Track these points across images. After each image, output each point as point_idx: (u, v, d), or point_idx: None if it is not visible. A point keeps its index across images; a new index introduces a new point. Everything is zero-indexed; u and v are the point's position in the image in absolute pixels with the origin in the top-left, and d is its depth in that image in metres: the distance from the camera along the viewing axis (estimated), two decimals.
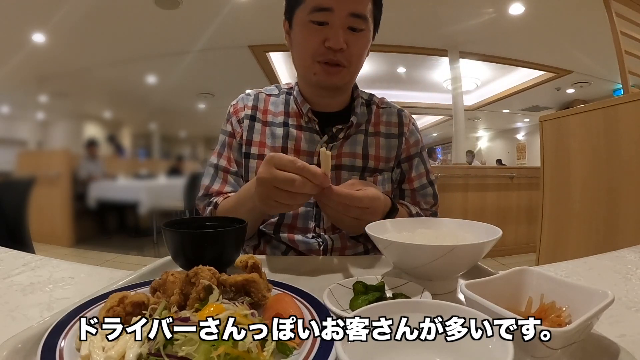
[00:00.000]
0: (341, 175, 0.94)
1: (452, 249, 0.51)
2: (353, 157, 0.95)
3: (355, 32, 0.85)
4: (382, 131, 1.00)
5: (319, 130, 0.95)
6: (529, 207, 3.81)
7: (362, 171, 0.95)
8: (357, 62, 0.90)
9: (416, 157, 1.02)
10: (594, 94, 6.48)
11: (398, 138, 1.00)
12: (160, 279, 0.49)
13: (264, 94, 1.02)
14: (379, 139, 0.99)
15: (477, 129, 11.58)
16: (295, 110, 0.97)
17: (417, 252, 0.54)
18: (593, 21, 3.69)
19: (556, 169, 2.25)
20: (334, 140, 0.94)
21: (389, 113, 1.02)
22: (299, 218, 0.93)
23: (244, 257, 0.54)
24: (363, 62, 0.93)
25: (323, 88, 0.92)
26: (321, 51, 0.85)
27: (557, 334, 0.32)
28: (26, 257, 0.74)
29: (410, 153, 1.02)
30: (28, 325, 0.40)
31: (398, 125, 1.01)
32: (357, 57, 0.89)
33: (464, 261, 0.56)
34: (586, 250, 1.96)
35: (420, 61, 5.64)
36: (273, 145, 0.95)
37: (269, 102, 1.01)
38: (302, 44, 0.88)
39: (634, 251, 0.80)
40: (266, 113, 0.99)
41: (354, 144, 0.96)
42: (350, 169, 0.95)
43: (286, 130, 0.96)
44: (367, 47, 0.91)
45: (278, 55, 5.38)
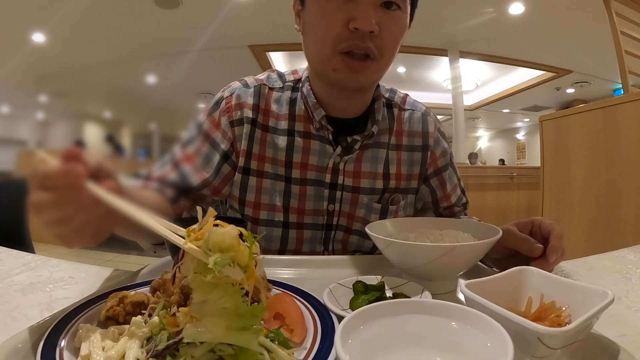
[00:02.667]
0: (359, 199, 0.80)
1: (452, 248, 0.51)
2: (374, 178, 0.80)
3: (390, 11, 0.67)
4: (405, 143, 0.83)
5: (332, 141, 0.78)
6: (529, 207, 3.81)
7: (382, 193, 0.82)
8: (390, 52, 0.70)
9: (447, 170, 0.87)
10: (594, 94, 6.48)
11: (422, 152, 0.84)
12: (160, 278, 0.49)
13: (267, 86, 0.81)
14: (400, 153, 0.83)
15: (477, 128, 11.59)
16: (304, 113, 0.78)
17: (417, 252, 0.54)
18: (593, 21, 3.69)
19: (556, 168, 2.25)
20: (349, 152, 0.78)
21: (412, 119, 0.85)
22: (305, 243, 0.81)
23: None
24: (395, 55, 0.73)
25: (343, 88, 0.73)
26: (345, 35, 0.66)
27: (557, 334, 0.32)
28: (26, 257, 0.74)
29: (439, 166, 0.86)
30: (28, 325, 0.40)
31: (422, 135, 0.85)
32: (391, 45, 0.69)
33: (464, 261, 0.56)
34: (586, 250, 1.96)
35: (420, 61, 5.64)
36: (275, 158, 0.78)
37: (271, 99, 0.80)
38: (319, 26, 0.68)
39: (634, 251, 0.80)
40: (268, 115, 0.79)
41: (374, 161, 0.80)
42: (370, 192, 0.81)
43: (291, 141, 0.78)
44: (403, 34, 0.72)
45: (278, 55, 5.38)
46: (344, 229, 0.83)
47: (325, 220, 0.81)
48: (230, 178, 0.80)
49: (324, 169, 0.78)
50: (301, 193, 0.80)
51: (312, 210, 0.81)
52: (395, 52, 0.72)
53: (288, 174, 0.79)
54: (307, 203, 0.80)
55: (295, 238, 0.81)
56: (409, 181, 0.84)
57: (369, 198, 0.81)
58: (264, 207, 0.80)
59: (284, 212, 0.80)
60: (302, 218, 0.81)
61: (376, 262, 0.69)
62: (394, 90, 0.88)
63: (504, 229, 0.60)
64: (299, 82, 0.81)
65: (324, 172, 0.79)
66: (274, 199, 0.80)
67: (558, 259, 0.58)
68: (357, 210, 0.82)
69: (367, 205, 0.82)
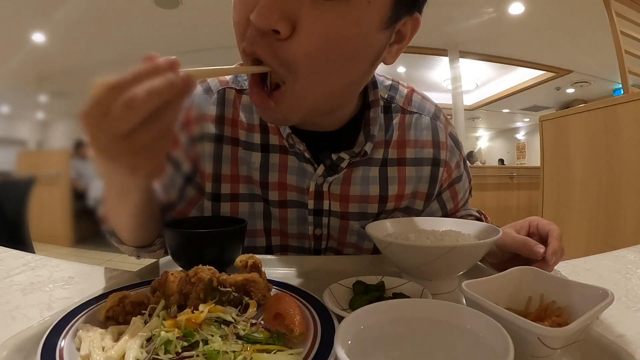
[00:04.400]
0: (348, 226, 0.69)
1: (452, 249, 0.51)
2: (366, 202, 0.68)
3: (325, 1, 0.42)
4: (409, 156, 0.68)
5: (310, 159, 0.63)
6: (529, 207, 3.81)
7: (377, 217, 0.69)
8: (313, 69, 0.45)
9: (460, 180, 0.75)
10: (594, 94, 6.48)
11: (432, 167, 0.70)
12: (160, 278, 0.49)
13: (233, 89, 0.66)
14: (405, 169, 0.68)
15: (477, 128, 11.57)
16: (275, 126, 0.64)
17: (416, 252, 0.54)
18: (593, 21, 3.68)
19: (556, 168, 2.25)
20: (334, 172, 0.64)
21: (419, 125, 0.69)
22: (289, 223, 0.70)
23: (243, 257, 0.53)
24: (348, 71, 0.49)
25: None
26: (244, 32, 0.46)
27: (557, 334, 0.32)
28: (26, 257, 0.74)
29: (452, 178, 0.74)
30: (28, 325, 0.40)
31: (433, 146, 0.69)
32: (314, 56, 0.44)
33: (463, 261, 0.56)
34: (586, 250, 1.96)
35: (420, 61, 5.63)
36: (249, 176, 0.66)
37: (239, 106, 0.65)
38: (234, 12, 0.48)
39: (634, 251, 0.80)
40: (237, 125, 0.65)
41: (365, 183, 0.66)
42: (362, 217, 0.69)
43: (265, 157, 0.64)
44: (349, 41, 0.45)
45: None
46: (334, 251, 0.73)
47: (312, 245, 0.71)
48: (196, 201, 0.68)
49: (304, 190, 0.66)
50: (282, 216, 0.69)
51: (297, 234, 0.71)
52: (330, 68, 0.46)
53: (265, 195, 0.67)
54: (289, 227, 0.70)
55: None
56: (413, 199, 0.71)
57: (360, 224, 0.69)
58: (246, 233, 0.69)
59: (266, 236, 0.71)
60: (286, 241, 0.72)
61: (376, 262, 0.69)
62: (396, 87, 0.71)
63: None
64: None
65: (304, 194, 0.66)
66: (253, 223, 0.69)
67: (558, 260, 0.58)
68: (348, 237, 0.72)
69: (358, 232, 0.71)
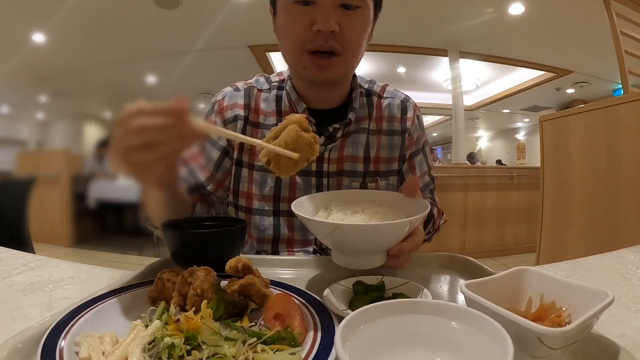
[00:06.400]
0: (342, 182, 0.87)
1: (336, 227, 0.53)
2: (355, 162, 0.87)
3: (350, 11, 0.73)
4: (384, 128, 0.90)
5: (315, 131, 0.83)
6: (529, 207, 3.80)
7: (364, 176, 0.88)
8: (354, 47, 0.76)
9: (418, 155, 0.93)
10: (594, 94, 6.47)
11: (401, 135, 0.90)
12: (156, 287, 0.49)
13: (256, 88, 0.90)
14: (380, 137, 0.89)
15: (477, 128, 11.58)
16: (289, 108, 0.86)
17: (310, 225, 0.58)
18: (593, 21, 3.68)
19: (556, 169, 2.25)
20: (332, 140, 0.85)
21: (392, 105, 0.91)
22: (296, 230, 0.86)
23: (232, 262, 0.50)
24: (363, 48, 0.80)
25: (316, 83, 0.81)
26: (310, 37, 0.73)
27: (557, 334, 0.32)
28: (26, 257, 0.74)
29: (412, 151, 0.92)
30: (28, 325, 0.40)
31: (401, 120, 0.91)
32: (354, 41, 0.75)
33: (367, 240, 0.57)
34: (586, 250, 1.96)
35: (420, 61, 5.64)
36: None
37: (260, 99, 0.88)
38: (287, 31, 0.76)
39: (634, 251, 0.80)
40: (258, 113, 0.87)
41: (355, 146, 0.87)
42: (352, 174, 0.87)
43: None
44: (366, 29, 0.78)
45: (278, 55, 5.37)
46: None
47: None
48: (231, 171, 0.88)
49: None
50: (291, 183, 0.86)
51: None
52: (360, 46, 0.78)
53: None
54: (297, 193, 0.86)
55: (287, 225, 0.87)
56: (389, 164, 0.90)
57: (350, 180, 0.87)
58: (256, 197, 0.87)
59: (274, 202, 0.87)
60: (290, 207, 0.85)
61: None
62: (374, 82, 0.95)
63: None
64: (283, 81, 0.89)
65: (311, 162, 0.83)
66: (264, 189, 0.87)
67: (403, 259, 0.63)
68: None
69: (348, 187, 0.87)
